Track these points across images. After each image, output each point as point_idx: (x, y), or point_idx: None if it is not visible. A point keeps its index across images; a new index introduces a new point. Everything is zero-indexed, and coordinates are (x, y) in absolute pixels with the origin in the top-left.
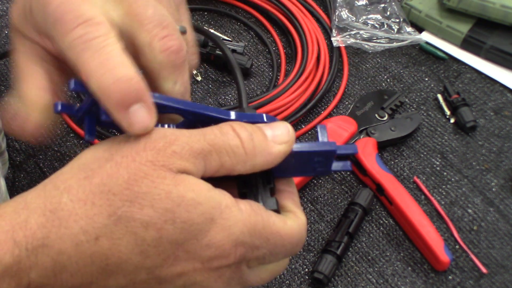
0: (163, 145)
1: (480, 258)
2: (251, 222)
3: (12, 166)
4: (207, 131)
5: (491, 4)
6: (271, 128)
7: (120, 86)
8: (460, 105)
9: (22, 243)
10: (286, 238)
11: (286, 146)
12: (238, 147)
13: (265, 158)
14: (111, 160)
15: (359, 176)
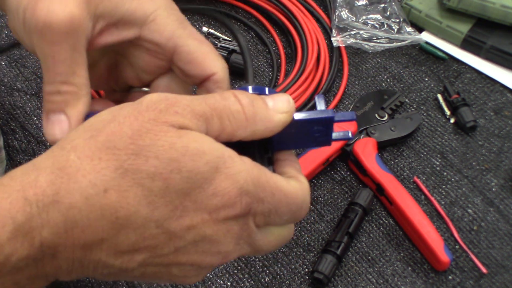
0: (165, 106)
1: (480, 258)
2: (254, 173)
3: (12, 166)
4: (208, 96)
5: (491, 4)
6: (272, 98)
7: None
8: (460, 105)
9: (32, 200)
10: (290, 196)
11: (286, 115)
12: (239, 112)
13: (265, 125)
14: (114, 121)
15: (359, 176)
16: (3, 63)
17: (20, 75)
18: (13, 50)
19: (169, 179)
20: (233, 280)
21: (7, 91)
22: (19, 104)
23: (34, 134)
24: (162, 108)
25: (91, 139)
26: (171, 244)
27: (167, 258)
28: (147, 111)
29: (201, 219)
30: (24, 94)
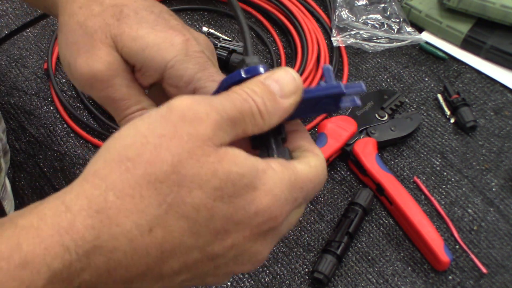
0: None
1: (480, 258)
2: (285, 178)
3: (12, 166)
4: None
5: (491, 4)
6: (275, 81)
7: None
8: (460, 105)
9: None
10: (315, 179)
11: (295, 96)
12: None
13: (278, 116)
14: (147, 144)
15: (359, 176)
16: (3, 63)
17: (20, 75)
18: (13, 50)
19: (213, 208)
20: (233, 280)
21: (7, 91)
22: (19, 104)
23: (34, 134)
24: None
25: (127, 173)
26: (212, 263)
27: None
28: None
29: (242, 237)
30: (24, 94)
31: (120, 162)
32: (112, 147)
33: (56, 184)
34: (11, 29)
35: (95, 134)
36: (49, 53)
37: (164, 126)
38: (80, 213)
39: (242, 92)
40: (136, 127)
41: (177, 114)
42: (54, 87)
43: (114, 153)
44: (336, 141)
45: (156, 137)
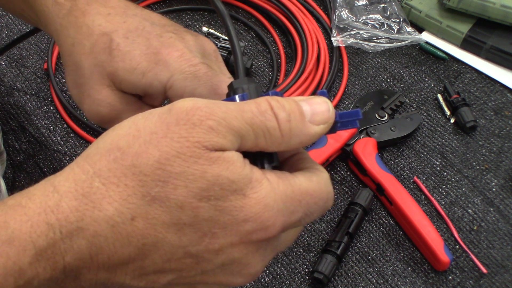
0: (198, 119)
1: (480, 258)
2: (280, 189)
3: (12, 166)
4: (245, 108)
5: (491, 4)
6: (309, 104)
7: None
8: (460, 105)
9: (55, 226)
10: (316, 194)
11: (324, 127)
12: (275, 129)
13: (300, 140)
14: (139, 137)
15: (359, 176)
16: (3, 63)
17: (20, 75)
18: (13, 50)
19: (198, 208)
20: None
21: (7, 91)
22: (19, 104)
23: (34, 134)
24: (195, 121)
25: (115, 162)
26: (198, 267)
27: (194, 279)
28: (177, 125)
29: (230, 244)
30: (24, 94)
31: (110, 150)
32: (108, 136)
33: None
34: (11, 29)
35: (95, 134)
36: (49, 53)
37: (158, 125)
38: (66, 195)
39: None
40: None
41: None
42: (54, 87)
43: (107, 141)
44: (336, 141)
45: (148, 133)
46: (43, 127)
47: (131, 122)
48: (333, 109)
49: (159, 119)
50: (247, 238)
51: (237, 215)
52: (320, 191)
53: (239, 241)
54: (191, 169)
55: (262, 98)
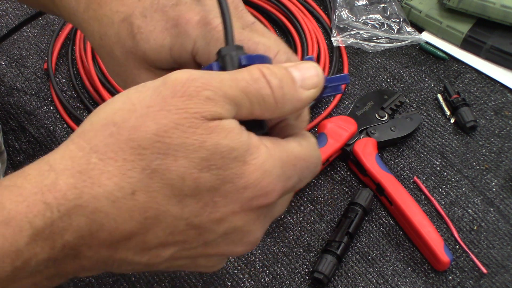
0: (194, 90)
1: (480, 258)
2: (277, 155)
3: (12, 166)
4: (238, 77)
5: (491, 4)
6: (299, 70)
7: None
8: (460, 105)
9: (53, 204)
10: (308, 159)
11: (314, 91)
12: (269, 96)
13: (293, 106)
14: (134, 111)
15: (359, 176)
16: (3, 63)
17: (20, 75)
18: (13, 50)
19: (199, 178)
20: (233, 280)
21: (7, 91)
22: (19, 104)
23: (34, 134)
24: (192, 92)
25: (111, 137)
26: (201, 238)
27: (196, 251)
28: (173, 97)
29: (231, 212)
30: (24, 94)
31: (105, 126)
32: (102, 111)
33: None
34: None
35: None
36: (49, 53)
37: (154, 98)
38: (63, 173)
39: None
40: (128, 94)
41: (169, 89)
42: (54, 87)
43: (102, 116)
44: (336, 141)
45: (144, 107)
46: (43, 127)
47: (125, 97)
48: (322, 73)
49: (154, 92)
50: (248, 205)
51: (238, 183)
52: (311, 156)
53: (240, 208)
54: (191, 139)
55: (253, 66)
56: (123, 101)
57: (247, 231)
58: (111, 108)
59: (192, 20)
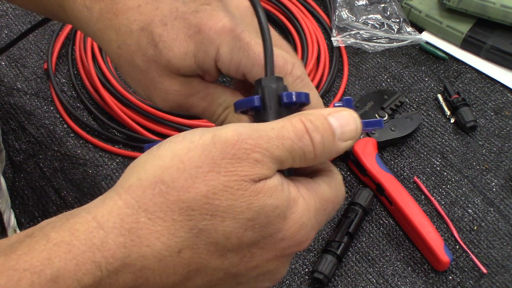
0: (243, 153)
1: (480, 258)
2: (312, 205)
3: (12, 166)
4: (284, 134)
5: (491, 4)
6: (339, 121)
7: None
8: (460, 105)
9: (102, 263)
10: (336, 200)
11: (351, 142)
12: (311, 152)
13: (329, 156)
14: (183, 170)
15: (359, 176)
16: (3, 63)
17: (20, 75)
18: (13, 50)
19: (243, 237)
20: None
21: (7, 91)
22: (19, 104)
23: (34, 134)
24: (241, 155)
25: (161, 196)
26: (234, 281)
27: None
28: (223, 158)
29: (266, 259)
30: (24, 94)
31: (154, 184)
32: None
33: (56, 184)
34: (11, 29)
35: (95, 134)
36: (49, 53)
37: (203, 159)
38: (112, 231)
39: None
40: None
41: (219, 149)
42: (54, 87)
43: (150, 173)
44: None
45: (193, 167)
46: (43, 127)
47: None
48: (361, 124)
49: (203, 152)
50: (281, 253)
51: (276, 236)
52: (338, 196)
53: (274, 256)
54: (239, 202)
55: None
56: (171, 157)
57: (276, 272)
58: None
59: (215, 26)
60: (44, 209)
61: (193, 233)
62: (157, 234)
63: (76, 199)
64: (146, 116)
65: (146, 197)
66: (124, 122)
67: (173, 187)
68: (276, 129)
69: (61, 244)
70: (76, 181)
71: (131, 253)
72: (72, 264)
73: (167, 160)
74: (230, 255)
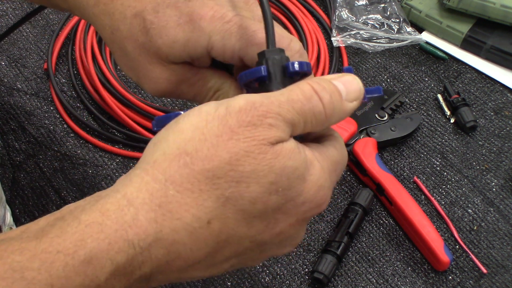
0: (257, 119)
1: (480, 258)
2: (326, 167)
3: (12, 166)
4: (293, 97)
5: (491, 4)
6: (343, 83)
7: None
8: (460, 105)
9: (134, 241)
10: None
11: (357, 102)
12: (321, 113)
13: (339, 118)
14: (205, 141)
15: (359, 176)
16: (3, 63)
17: (20, 75)
18: (13, 50)
19: (268, 201)
20: (233, 280)
21: (7, 91)
22: (19, 104)
23: (34, 134)
24: (256, 121)
25: (186, 167)
26: (258, 249)
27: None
28: (240, 126)
29: (289, 225)
30: (24, 94)
31: (179, 156)
32: (171, 140)
33: (56, 184)
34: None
35: (95, 134)
36: (49, 53)
37: (221, 128)
38: (142, 207)
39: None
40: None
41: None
42: (54, 87)
43: (173, 146)
44: None
45: (214, 136)
46: (43, 127)
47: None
48: (362, 85)
49: (220, 122)
50: (302, 217)
51: (298, 200)
52: (344, 157)
53: (296, 221)
54: (261, 165)
55: (304, 82)
56: (192, 130)
57: (297, 236)
58: (181, 137)
59: (206, 15)
60: (44, 209)
61: (221, 202)
62: (187, 206)
63: (76, 199)
64: (146, 116)
65: (172, 169)
66: (124, 122)
67: (197, 157)
68: (285, 94)
69: (93, 225)
70: (76, 181)
71: (163, 228)
72: (105, 243)
73: (188, 133)
74: (256, 222)
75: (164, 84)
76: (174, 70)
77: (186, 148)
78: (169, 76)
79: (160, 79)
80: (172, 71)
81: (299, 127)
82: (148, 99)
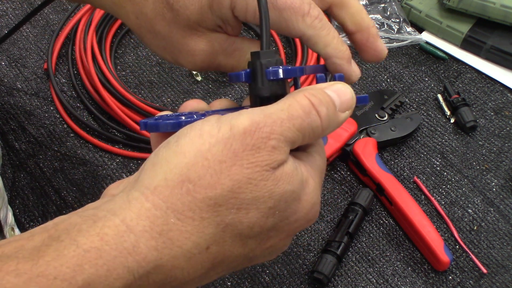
0: (261, 141)
1: (480, 258)
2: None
3: (12, 166)
4: (293, 113)
5: (491, 4)
6: (337, 93)
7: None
8: (460, 105)
9: (134, 268)
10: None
11: (349, 112)
12: (318, 127)
13: (333, 129)
14: (208, 167)
15: (359, 176)
16: (3, 63)
17: (20, 75)
18: (13, 50)
19: (265, 224)
20: (233, 280)
21: (7, 91)
22: (19, 104)
23: (34, 134)
24: (260, 144)
25: (188, 195)
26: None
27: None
28: (244, 150)
29: (279, 240)
30: (24, 94)
31: (181, 183)
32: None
33: (56, 184)
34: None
35: (95, 134)
36: (49, 53)
37: (225, 153)
38: (143, 235)
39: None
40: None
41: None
42: (54, 87)
43: (175, 172)
44: (336, 141)
45: (217, 162)
46: (43, 127)
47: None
48: (354, 94)
49: (225, 146)
50: (293, 232)
51: (291, 218)
52: (325, 161)
53: (286, 235)
54: (262, 192)
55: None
56: (195, 154)
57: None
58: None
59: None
60: (44, 209)
61: (220, 228)
62: (187, 234)
63: (76, 199)
64: (146, 116)
65: (174, 197)
66: (124, 122)
67: (200, 184)
68: (286, 110)
69: (92, 250)
70: (76, 181)
71: (163, 256)
72: (103, 270)
73: (191, 157)
74: (250, 242)
75: (201, 55)
76: (209, 40)
77: (188, 175)
78: (204, 47)
79: (196, 51)
80: (207, 41)
81: (298, 142)
82: (148, 99)
